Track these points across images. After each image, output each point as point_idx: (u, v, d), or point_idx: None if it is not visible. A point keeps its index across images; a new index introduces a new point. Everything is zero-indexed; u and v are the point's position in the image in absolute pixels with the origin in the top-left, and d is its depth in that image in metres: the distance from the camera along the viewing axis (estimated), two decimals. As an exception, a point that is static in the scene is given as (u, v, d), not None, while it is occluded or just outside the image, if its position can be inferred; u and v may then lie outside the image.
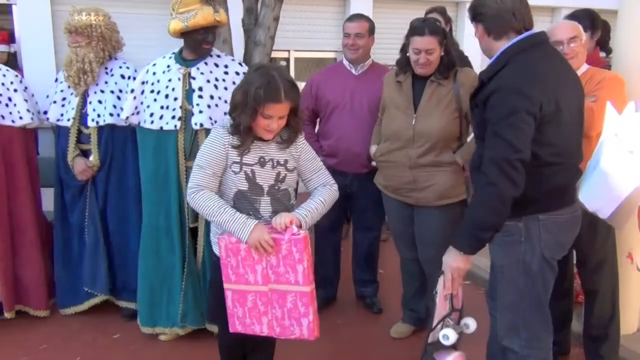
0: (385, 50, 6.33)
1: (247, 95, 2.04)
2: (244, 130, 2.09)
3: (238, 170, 2.17)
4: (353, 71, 3.29)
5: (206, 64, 2.92)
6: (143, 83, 3.02)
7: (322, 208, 2.26)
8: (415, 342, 3.15)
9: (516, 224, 2.07)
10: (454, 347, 2.24)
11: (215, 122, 2.83)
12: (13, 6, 5.33)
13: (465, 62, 3.74)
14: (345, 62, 3.32)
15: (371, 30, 3.25)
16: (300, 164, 2.30)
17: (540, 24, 2.38)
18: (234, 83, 2.89)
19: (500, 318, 2.22)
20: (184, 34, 2.84)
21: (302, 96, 3.39)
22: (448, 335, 2.11)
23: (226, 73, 2.94)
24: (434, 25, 2.74)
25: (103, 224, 3.30)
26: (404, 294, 3.28)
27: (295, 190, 2.35)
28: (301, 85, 6.89)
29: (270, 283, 2.19)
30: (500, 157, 1.91)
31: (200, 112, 2.84)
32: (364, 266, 3.54)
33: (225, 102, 2.82)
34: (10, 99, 3.21)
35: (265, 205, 2.21)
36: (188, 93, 2.89)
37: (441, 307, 2.18)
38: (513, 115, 1.90)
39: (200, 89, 2.86)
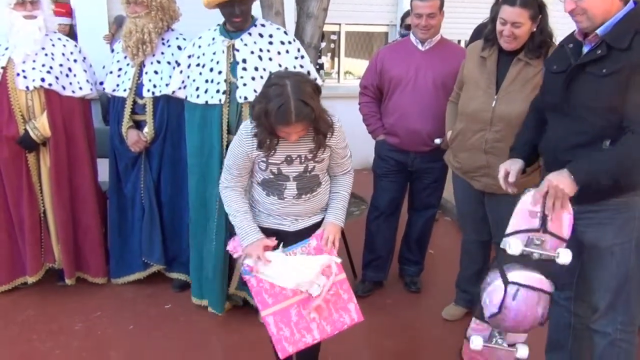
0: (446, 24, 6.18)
1: (261, 113, 2.01)
2: (264, 142, 2.08)
3: (264, 168, 2.19)
4: (419, 47, 3.14)
5: (250, 34, 2.85)
6: (189, 57, 3.00)
7: (348, 198, 2.37)
8: (467, 324, 3.08)
9: (633, 198, 1.98)
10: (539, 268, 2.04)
11: None
12: (69, -23, 5.41)
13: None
14: (412, 38, 3.17)
15: (442, 5, 3.07)
16: (332, 153, 2.25)
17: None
18: (279, 53, 2.84)
19: (597, 301, 2.13)
20: (218, 6, 2.76)
21: (367, 71, 3.34)
22: (511, 243, 1.99)
23: (271, 43, 2.86)
24: None
25: (157, 195, 3.32)
26: (459, 275, 3.19)
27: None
28: (350, 60, 6.84)
29: None
30: None
31: (245, 84, 2.79)
32: (413, 245, 3.47)
33: (270, 73, 2.76)
34: (70, 70, 3.24)
35: (291, 188, 2.23)
36: (232, 66, 2.83)
37: (521, 219, 2.04)
38: None
39: (245, 61, 2.81)
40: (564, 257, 1.95)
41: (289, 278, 2.19)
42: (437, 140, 3.01)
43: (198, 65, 2.93)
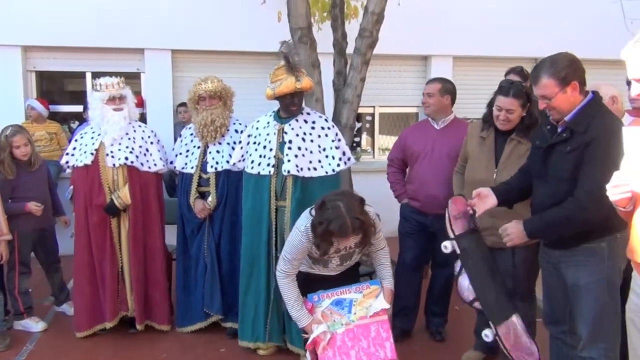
0: (464, 105, 6.81)
1: (324, 233, 2.56)
2: (325, 250, 2.66)
3: (318, 256, 2.77)
4: (435, 125, 3.79)
5: (297, 120, 3.54)
6: (249, 136, 3.70)
7: (390, 265, 2.93)
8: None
9: (599, 244, 2.44)
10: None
11: (301, 169, 3.41)
12: (142, 74, 6.36)
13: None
14: (430, 119, 3.83)
15: (444, 90, 3.72)
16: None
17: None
18: (319, 136, 3.53)
19: (581, 332, 2.53)
20: (276, 98, 3.49)
21: (393, 147, 4.01)
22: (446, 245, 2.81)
23: (313, 128, 3.54)
24: (518, 89, 3.07)
25: (217, 254, 3.91)
26: (477, 323, 3.59)
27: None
28: (385, 138, 7.45)
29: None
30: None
31: (289, 160, 3.44)
32: (437, 299, 3.92)
33: (311, 152, 3.47)
34: (147, 150, 3.97)
35: (335, 261, 2.83)
36: (281, 145, 3.50)
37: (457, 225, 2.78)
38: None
39: (290, 142, 3.47)
40: (444, 248, 2.79)
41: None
42: None
43: (255, 143, 3.62)
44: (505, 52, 6.89)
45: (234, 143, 3.87)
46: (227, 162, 3.84)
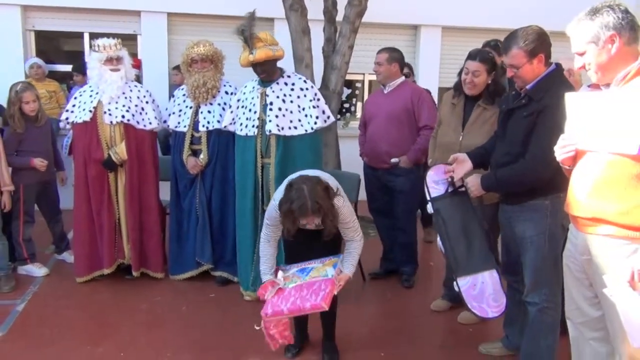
0: (452, 75, 7.01)
1: (287, 211, 2.80)
2: (289, 229, 2.88)
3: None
4: (384, 90, 4.25)
5: (277, 83, 3.82)
6: (238, 100, 3.96)
7: (357, 258, 3.11)
8: (451, 315, 3.80)
9: (543, 202, 2.71)
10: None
11: (282, 128, 3.69)
12: (138, 36, 6.54)
13: None
14: (381, 85, 4.26)
15: (391, 59, 4.12)
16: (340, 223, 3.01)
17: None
18: (298, 97, 3.81)
19: (526, 280, 2.83)
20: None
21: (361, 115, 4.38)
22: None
23: (292, 89, 3.81)
24: (485, 55, 3.39)
25: (208, 207, 4.20)
26: (445, 276, 3.93)
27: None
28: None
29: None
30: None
31: (270, 121, 3.72)
32: (402, 248, 4.30)
33: (291, 112, 3.75)
34: (142, 109, 4.21)
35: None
36: (264, 107, 3.78)
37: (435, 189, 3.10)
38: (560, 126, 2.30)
39: (272, 103, 3.75)
40: (429, 210, 3.12)
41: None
42: (394, 160, 4.06)
43: (242, 107, 3.88)
44: (493, 23, 7.06)
45: (224, 104, 4.12)
46: (218, 121, 4.09)
